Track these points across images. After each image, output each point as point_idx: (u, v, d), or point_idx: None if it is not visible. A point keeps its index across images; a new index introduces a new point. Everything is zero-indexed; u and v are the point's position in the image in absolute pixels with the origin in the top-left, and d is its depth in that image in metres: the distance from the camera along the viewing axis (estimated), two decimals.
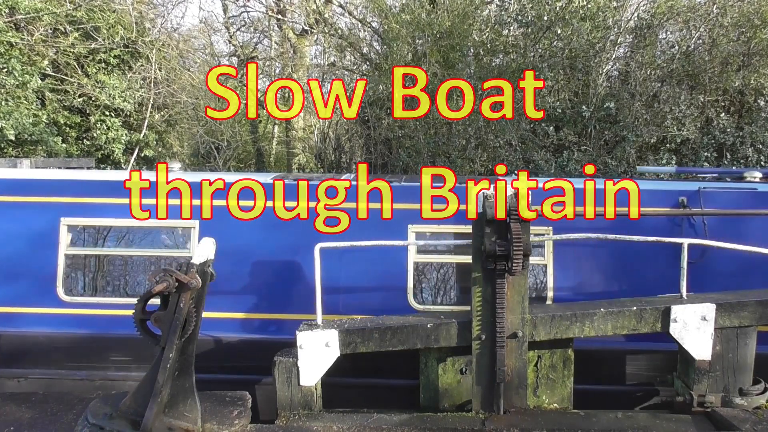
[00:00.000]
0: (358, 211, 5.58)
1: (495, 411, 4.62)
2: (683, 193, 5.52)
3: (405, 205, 5.59)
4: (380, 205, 5.59)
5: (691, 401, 4.75)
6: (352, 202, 5.61)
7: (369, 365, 5.16)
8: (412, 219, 5.56)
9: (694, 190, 5.52)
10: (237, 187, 5.68)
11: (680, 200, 5.47)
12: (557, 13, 12.41)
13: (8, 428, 4.87)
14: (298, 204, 5.63)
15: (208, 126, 17.69)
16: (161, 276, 3.92)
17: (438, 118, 13.02)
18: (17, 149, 14.02)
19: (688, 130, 11.76)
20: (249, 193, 5.67)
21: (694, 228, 5.45)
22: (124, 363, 5.62)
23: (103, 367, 5.67)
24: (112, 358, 5.64)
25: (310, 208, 5.61)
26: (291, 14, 17.65)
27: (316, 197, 5.62)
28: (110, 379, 5.65)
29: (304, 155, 17.09)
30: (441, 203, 5.52)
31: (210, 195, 5.68)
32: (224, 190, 5.69)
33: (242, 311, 5.62)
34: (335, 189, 5.63)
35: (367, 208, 5.59)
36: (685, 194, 5.50)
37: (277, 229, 5.63)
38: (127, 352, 5.57)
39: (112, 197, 5.75)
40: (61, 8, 14.56)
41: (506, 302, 4.52)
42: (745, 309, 4.71)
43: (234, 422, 4.24)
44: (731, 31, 12.02)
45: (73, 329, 5.63)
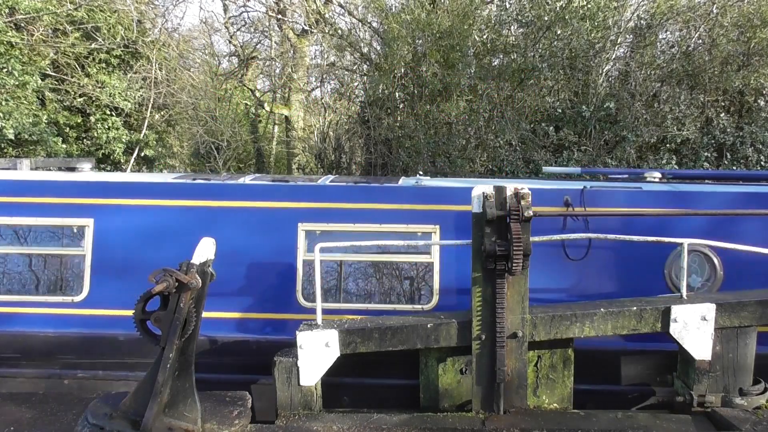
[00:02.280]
0: (246, 211, 5.71)
1: (495, 411, 4.62)
2: (568, 192, 5.62)
3: (295, 204, 5.70)
4: (270, 204, 5.72)
5: (691, 401, 4.75)
6: (244, 200, 5.74)
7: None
8: (303, 217, 5.65)
9: (579, 189, 5.62)
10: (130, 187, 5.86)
11: (565, 199, 5.56)
12: (557, 13, 12.42)
13: (8, 428, 4.87)
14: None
15: (208, 126, 17.69)
16: (161, 276, 3.92)
17: (438, 118, 13.04)
18: (17, 149, 14.03)
19: (688, 130, 11.76)
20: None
21: (575, 224, 5.55)
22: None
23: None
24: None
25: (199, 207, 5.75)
26: (291, 14, 17.65)
27: (210, 197, 5.76)
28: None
29: (304, 155, 17.09)
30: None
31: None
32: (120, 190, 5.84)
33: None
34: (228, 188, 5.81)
35: (259, 207, 5.72)
36: (570, 193, 5.60)
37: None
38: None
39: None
40: (61, 8, 14.56)
41: (506, 302, 4.52)
42: (745, 309, 4.71)
43: (234, 422, 4.25)
44: (731, 31, 12.03)
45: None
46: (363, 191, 5.80)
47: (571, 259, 5.50)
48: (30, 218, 5.74)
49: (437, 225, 5.58)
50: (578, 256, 5.50)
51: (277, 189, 5.86)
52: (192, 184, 5.93)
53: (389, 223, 5.60)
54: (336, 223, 5.64)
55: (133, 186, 5.96)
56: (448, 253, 5.56)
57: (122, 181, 6.11)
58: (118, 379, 5.54)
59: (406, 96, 13.81)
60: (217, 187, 5.90)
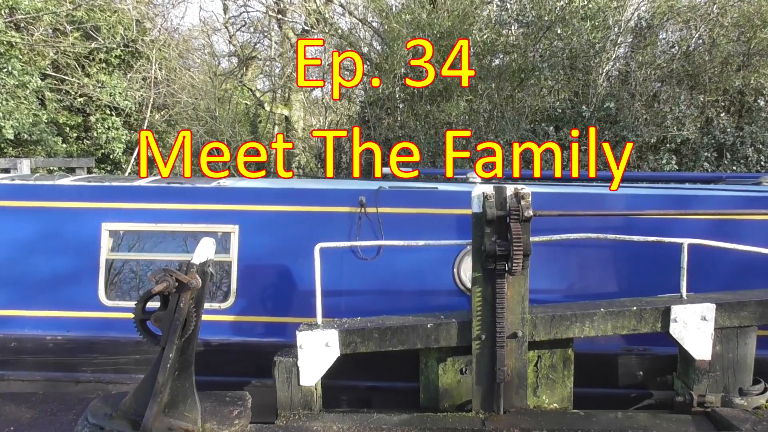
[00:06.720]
0: (51, 211, 5.82)
1: (495, 411, 4.62)
2: (363, 192, 5.72)
3: (98, 204, 5.80)
4: (74, 205, 5.83)
5: (691, 401, 4.75)
6: (49, 201, 5.86)
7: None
8: (107, 217, 5.75)
9: (374, 190, 5.73)
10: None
11: (360, 199, 5.67)
12: (557, 13, 12.42)
13: (8, 428, 4.87)
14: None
15: (209, 126, 17.70)
16: (161, 276, 3.92)
17: (438, 118, 13.03)
18: (17, 149, 14.04)
19: (688, 130, 11.76)
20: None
21: (371, 225, 5.67)
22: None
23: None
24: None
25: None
26: (291, 14, 17.66)
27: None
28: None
29: (304, 155, 17.09)
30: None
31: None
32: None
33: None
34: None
35: (64, 208, 5.82)
36: (365, 194, 5.70)
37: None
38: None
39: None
40: (61, 8, 14.57)
41: (506, 302, 4.52)
42: (745, 309, 4.71)
43: (234, 422, 4.24)
44: (731, 31, 12.03)
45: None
46: (166, 192, 5.91)
47: (363, 258, 5.63)
48: (175, 224, 5.84)
49: (237, 225, 5.70)
50: (370, 256, 5.64)
51: (82, 190, 5.97)
52: (2, 186, 6.07)
53: (190, 223, 5.72)
54: (139, 223, 5.76)
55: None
56: (246, 253, 5.68)
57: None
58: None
59: (406, 96, 13.81)
60: (26, 188, 6.01)
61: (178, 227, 5.74)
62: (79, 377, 5.62)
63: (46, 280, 5.75)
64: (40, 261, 5.75)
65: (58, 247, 5.75)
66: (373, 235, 5.64)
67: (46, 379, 5.61)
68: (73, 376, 5.61)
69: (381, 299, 5.55)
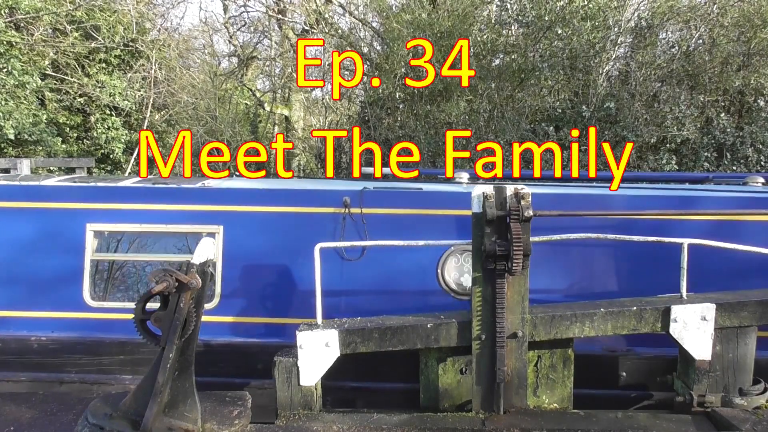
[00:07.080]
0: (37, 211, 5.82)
1: (495, 411, 4.62)
2: (347, 193, 5.71)
3: (83, 205, 5.78)
4: (59, 205, 5.83)
5: (691, 401, 4.75)
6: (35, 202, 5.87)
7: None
8: (91, 218, 5.74)
9: (358, 191, 5.71)
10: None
11: (344, 200, 5.67)
12: (558, 13, 12.42)
13: (8, 428, 4.87)
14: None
15: (209, 126, 17.70)
16: (161, 276, 3.92)
17: (438, 118, 13.03)
18: (17, 149, 14.03)
19: (688, 130, 11.75)
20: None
21: (355, 226, 5.66)
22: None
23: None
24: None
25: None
26: (291, 14, 17.66)
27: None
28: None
29: (304, 155, 17.09)
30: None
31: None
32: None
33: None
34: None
35: (49, 208, 5.82)
36: (349, 194, 5.69)
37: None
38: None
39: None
40: (61, 8, 14.57)
41: (506, 302, 4.52)
42: (745, 309, 4.71)
43: (234, 422, 4.24)
44: (731, 31, 12.03)
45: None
46: (151, 192, 5.89)
47: (348, 259, 5.63)
48: (159, 225, 5.82)
49: (221, 225, 5.69)
50: (354, 257, 5.63)
51: (67, 190, 5.95)
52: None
53: (175, 224, 5.71)
54: (124, 224, 5.75)
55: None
56: (230, 254, 5.68)
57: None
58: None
59: (406, 96, 13.82)
60: (11, 188, 5.99)
61: (163, 228, 5.73)
62: (63, 378, 5.61)
63: (31, 281, 5.74)
64: (24, 262, 5.73)
65: (43, 248, 5.75)
66: (358, 236, 5.61)
67: (31, 379, 5.60)
68: (58, 376, 5.60)
69: (364, 300, 5.55)
